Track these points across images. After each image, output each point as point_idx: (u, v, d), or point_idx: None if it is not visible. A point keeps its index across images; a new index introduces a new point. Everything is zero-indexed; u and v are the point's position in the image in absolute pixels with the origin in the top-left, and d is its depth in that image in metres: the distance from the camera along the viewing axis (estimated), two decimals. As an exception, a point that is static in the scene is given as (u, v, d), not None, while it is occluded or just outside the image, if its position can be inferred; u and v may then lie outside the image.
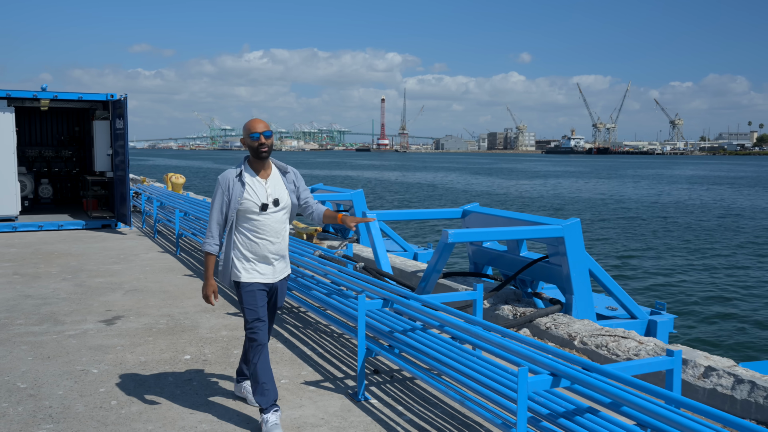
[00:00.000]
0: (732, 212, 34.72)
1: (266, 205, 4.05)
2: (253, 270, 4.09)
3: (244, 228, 4.07)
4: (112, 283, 8.63)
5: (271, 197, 4.08)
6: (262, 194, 4.06)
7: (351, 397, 4.69)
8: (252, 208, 4.03)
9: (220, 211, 4.07)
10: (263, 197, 4.06)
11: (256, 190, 4.06)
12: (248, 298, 4.08)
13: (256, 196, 4.04)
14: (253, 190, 4.05)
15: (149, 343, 5.98)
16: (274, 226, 4.10)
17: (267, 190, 4.08)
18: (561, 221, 6.38)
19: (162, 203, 13.44)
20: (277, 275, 4.18)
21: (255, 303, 4.07)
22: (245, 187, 4.04)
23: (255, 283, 4.08)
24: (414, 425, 4.22)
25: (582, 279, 6.36)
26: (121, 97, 13.11)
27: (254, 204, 4.03)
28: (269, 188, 4.09)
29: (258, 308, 4.08)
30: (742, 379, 4.42)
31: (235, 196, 4.03)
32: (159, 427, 4.18)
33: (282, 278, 4.24)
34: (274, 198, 4.09)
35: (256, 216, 4.04)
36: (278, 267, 4.18)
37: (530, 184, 61.68)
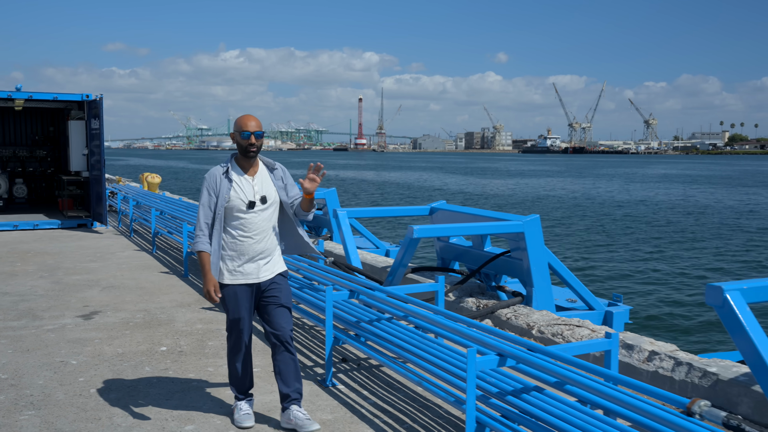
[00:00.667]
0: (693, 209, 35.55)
1: (253, 202, 4.00)
2: (236, 271, 4.04)
3: (231, 226, 4.02)
4: (89, 280, 8.80)
5: (259, 194, 4.02)
6: (249, 192, 4.01)
7: (319, 383, 4.97)
8: (239, 206, 3.98)
9: (209, 208, 4.01)
10: (250, 195, 4.00)
11: (244, 188, 4.01)
12: (230, 299, 4.07)
13: (243, 194, 3.99)
14: (240, 187, 4.00)
15: (126, 336, 6.20)
16: (261, 225, 4.04)
17: (254, 188, 4.03)
18: (522, 217, 6.72)
19: (138, 202, 13.58)
20: (263, 274, 4.09)
21: (237, 304, 4.06)
22: (232, 184, 3.99)
23: (237, 285, 4.05)
24: (377, 407, 4.51)
25: (541, 272, 6.71)
26: (96, 98, 13.22)
27: (241, 202, 3.98)
28: (257, 186, 4.04)
29: (239, 309, 4.07)
30: (681, 362, 4.78)
31: (222, 193, 3.98)
32: (135, 411, 4.41)
33: (271, 277, 4.13)
34: (262, 195, 4.03)
35: (243, 214, 4.00)
36: (265, 266, 4.10)
37: (503, 183, 62.36)
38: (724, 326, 3.53)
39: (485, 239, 7.48)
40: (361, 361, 5.49)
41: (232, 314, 4.11)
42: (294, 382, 4.13)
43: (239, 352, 4.19)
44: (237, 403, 4.26)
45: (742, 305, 3.43)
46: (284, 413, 4.14)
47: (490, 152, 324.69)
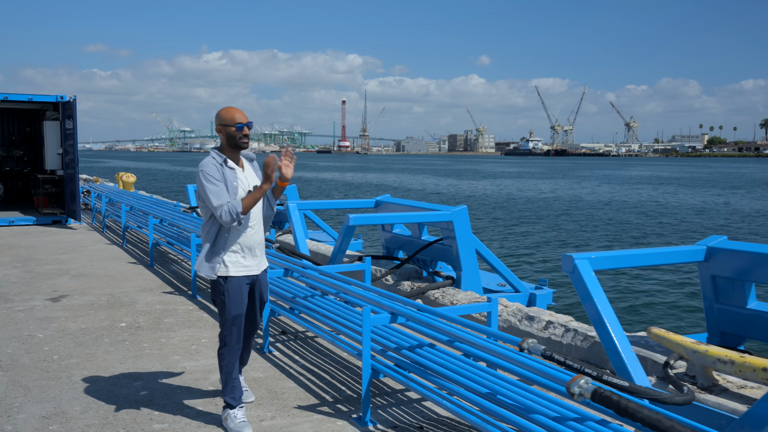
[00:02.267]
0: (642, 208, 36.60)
1: (250, 192, 3.90)
2: (239, 263, 3.94)
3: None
4: (60, 269, 9.41)
5: (252, 185, 3.97)
6: (245, 182, 3.94)
7: (258, 351, 5.65)
8: (242, 195, 3.87)
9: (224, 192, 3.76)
10: (247, 185, 3.93)
11: (240, 177, 3.92)
12: (234, 293, 3.93)
13: (243, 183, 3.91)
14: (239, 177, 3.91)
15: (90, 315, 6.84)
16: (257, 215, 4.01)
17: (247, 178, 3.97)
18: (451, 208, 7.44)
19: (111, 199, 14.16)
20: (261, 266, 4.08)
21: (240, 298, 3.94)
22: (235, 171, 3.89)
23: (242, 277, 3.95)
24: (303, 367, 5.21)
25: (469, 257, 7.44)
26: (70, 99, 13.78)
27: (243, 192, 3.88)
28: (248, 176, 3.99)
29: (241, 304, 3.96)
30: (570, 329, 5.53)
31: (229, 180, 3.82)
32: (92, 372, 5.07)
33: (264, 269, 4.13)
34: (254, 185, 3.98)
35: None
36: (260, 258, 4.09)
37: (466, 182, 63.32)
38: (575, 288, 4.25)
39: (423, 229, 8.20)
40: (299, 333, 6.19)
41: (236, 309, 3.95)
42: (244, 364, 4.36)
43: (236, 351, 4.04)
44: (229, 413, 4.02)
45: (588, 272, 4.16)
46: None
47: (473, 154, 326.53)
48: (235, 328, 3.98)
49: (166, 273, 9.21)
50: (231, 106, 4.02)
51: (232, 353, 4.01)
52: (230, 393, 4.01)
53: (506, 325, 6.06)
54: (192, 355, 5.55)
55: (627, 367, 3.85)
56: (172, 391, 4.70)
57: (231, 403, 4.01)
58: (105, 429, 4.04)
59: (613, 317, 4.05)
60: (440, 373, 3.95)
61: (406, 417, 4.27)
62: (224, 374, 4.02)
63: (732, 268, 4.60)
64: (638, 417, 2.67)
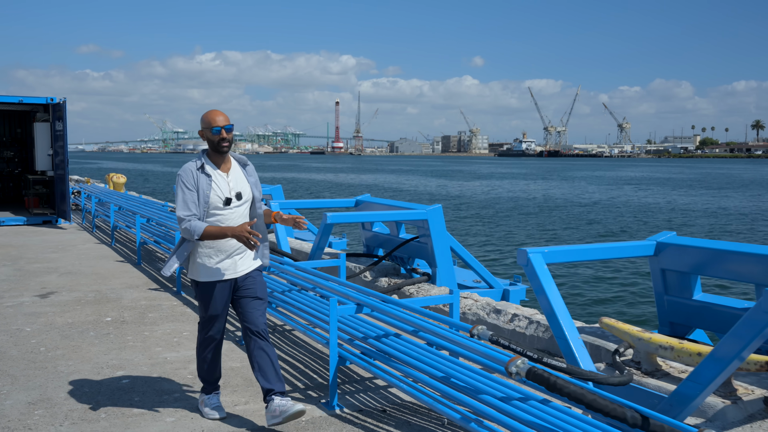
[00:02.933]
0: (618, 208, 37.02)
1: (230, 199, 3.93)
2: (214, 268, 3.99)
3: (208, 223, 3.92)
4: (49, 267, 9.65)
5: (234, 190, 3.97)
6: (225, 188, 3.94)
7: (236, 341, 5.91)
8: (216, 203, 3.91)
9: (192, 202, 3.87)
10: (226, 191, 3.94)
11: (219, 184, 3.93)
12: (205, 296, 4.04)
13: (220, 190, 3.93)
14: (216, 183, 3.93)
15: (77, 310, 7.09)
16: (236, 221, 3.97)
17: (229, 184, 3.96)
18: (426, 207, 7.73)
19: (100, 200, 14.39)
20: (240, 270, 4.05)
21: (213, 300, 4.02)
22: (211, 179, 3.92)
23: (215, 282, 4.01)
24: (280, 358, 5.47)
25: (444, 254, 7.72)
26: (60, 101, 14.01)
27: (218, 198, 3.91)
28: (231, 181, 3.98)
29: (216, 306, 4.04)
30: (533, 321, 5.82)
31: (202, 188, 3.88)
32: (77, 363, 5.33)
33: (247, 271, 4.09)
34: (237, 191, 3.98)
35: (219, 210, 3.92)
36: (241, 262, 4.05)
37: (453, 183, 63.71)
38: (529, 280, 4.54)
39: (400, 227, 8.49)
40: (276, 326, 6.45)
41: (210, 311, 4.06)
42: (274, 376, 4.01)
43: (209, 346, 4.18)
44: (205, 397, 4.26)
45: (541, 265, 4.44)
46: (268, 407, 3.97)
47: (467, 155, 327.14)
48: (207, 329, 4.14)
49: (152, 271, 9.46)
50: (215, 109, 4.04)
51: (204, 346, 4.20)
52: (200, 377, 4.28)
53: (475, 318, 6.34)
54: (173, 347, 5.81)
55: (574, 353, 4.14)
56: (153, 380, 4.95)
57: (203, 385, 4.29)
58: (87, 414, 4.29)
59: (562, 307, 4.34)
60: (403, 360, 4.22)
61: (371, 401, 4.54)
62: (200, 362, 4.26)
63: (679, 262, 4.90)
64: (565, 392, 2.95)
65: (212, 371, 4.25)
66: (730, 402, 3.85)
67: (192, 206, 3.87)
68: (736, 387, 3.99)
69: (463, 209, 36.38)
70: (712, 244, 4.75)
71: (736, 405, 3.84)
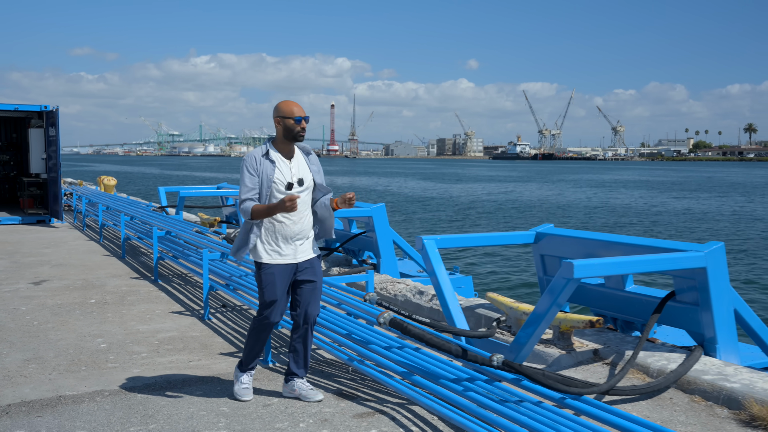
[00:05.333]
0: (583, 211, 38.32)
1: (291, 184, 4.08)
2: (274, 251, 4.12)
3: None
4: (42, 260, 10.75)
5: (296, 177, 4.13)
6: (287, 173, 4.11)
7: (199, 317, 7.04)
8: (278, 187, 4.07)
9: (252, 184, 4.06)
10: (288, 176, 4.10)
11: (282, 170, 4.11)
12: (267, 279, 4.14)
13: (282, 175, 4.10)
14: (279, 169, 4.10)
15: (66, 294, 8.21)
16: (299, 206, 4.09)
17: (292, 170, 4.13)
18: (371, 206, 8.87)
19: (90, 201, 15.50)
20: (300, 256, 4.19)
21: (273, 284, 4.13)
22: (275, 165, 4.10)
23: (276, 265, 4.13)
24: (231, 328, 6.60)
25: (387, 247, 8.86)
26: (53, 109, 15.13)
27: (281, 183, 4.08)
28: (293, 168, 4.14)
29: (276, 290, 4.14)
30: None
31: (266, 173, 4.06)
32: (65, 333, 6.44)
33: (307, 258, 4.23)
34: (299, 177, 4.13)
35: (282, 194, 4.07)
36: (301, 248, 4.20)
37: (426, 185, 64.97)
38: (423, 263, 5.67)
39: (352, 224, 9.64)
40: (236, 306, 7.58)
41: (269, 295, 4.15)
42: (304, 364, 4.34)
43: (265, 331, 4.28)
44: (240, 375, 4.39)
45: (433, 250, 5.58)
46: (288, 384, 4.33)
47: (462, 158, 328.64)
48: (266, 314, 4.21)
49: (135, 263, 10.58)
50: (289, 99, 4.26)
51: (260, 330, 4.29)
52: (247, 355, 4.39)
53: (404, 299, 7.48)
54: (146, 321, 6.92)
55: (453, 318, 5.28)
56: (126, 344, 6.07)
57: (244, 362, 4.41)
58: (71, 367, 5.41)
59: (447, 283, 5.48)
60: (324, 325, 5.36)
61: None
62: (246, 346, 4.40)
63: (554, 248, 6.05)
64: (411, 333, 4.09)
65: (258, 354, 4.41)
66: (565, 352, 5.00)
67: (250, 192, 4.05)
68: (573, 341, 5.14)
69: (435, 208, 37.56)
70: (579, 234, 5.90)
71: (570, 354, 4.99)
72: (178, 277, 9.34)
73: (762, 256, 21.80)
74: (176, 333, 6.47)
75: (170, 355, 5.72)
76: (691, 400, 4.39)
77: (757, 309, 13.74)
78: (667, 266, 4.64)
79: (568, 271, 4.17)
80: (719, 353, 4.85)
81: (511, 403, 3.68)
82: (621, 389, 4.24)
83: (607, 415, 3.56)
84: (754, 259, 21.04)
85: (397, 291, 7.73)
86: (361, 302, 4.97)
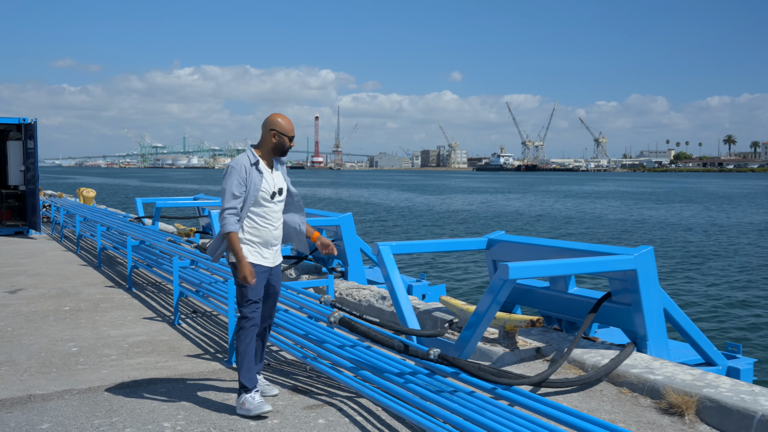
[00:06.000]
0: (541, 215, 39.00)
1: (275, 193, 4.34)
2: (257, 253, 4.31)
3: (255, 214, 4.29)
4: (19, 270, 10.95)
5: (277, 186, 4.38)
6: (271, 183, 4.35)
7: (170, 323, 7.31)
8: (265, 196, 4.29)
9: (238, 194, 4.21)
10: (273, 187, 4.35)
11: (268, 180, 4.33)
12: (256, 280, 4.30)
13: (268, 186, 4.32)
14: (264, 179, 4.31)
15: (41, 302, 8.44)
16: (278, 214, 4.39)
17: (274, 180, 4.37)
18: (338, 215, 9.20)
19: (68, 212, 15.69)
20: (276, 260, 4.44)
21: (259, 284, 4.31)
22: (263, 175, 4.30)
23: (258, 265, 4.32)
24: (199, 332, 6.88)
25: (354, 255, 9.19)
26: (31, 121, 15.33)
27: (267, 192, 4.30)
28: (275, 178, 4.39)
29: (260, 290, 4.32)
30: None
31: (254, 183, 4.25)
32: (37, 338, 6.69)
33: (279, 263, 4.48)
34: (279, 188, 4.39)
35: (267, 203, 4.30)
36: (276, 252, 4.44)
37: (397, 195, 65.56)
38: (379, 267, 6.01)
39: (322, 232, 9.96)
40: (206, 312, 7.86)
41: (256, 294, 4.29)
42: (260, 359, 4.59)
43: (253, 333, 4.35)
44: (247, 396, 4.30)
45: (388, 255, 5.92)
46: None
47: (446, 170, 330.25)
48: (253, 315, 4.30)
49: (110, 272, 10.81)
50: (284, 114, 4.42)
51: (247, 335, 4.30)
52: (246, 375, 4.30)
53: (367, 304, 7.80)
54: (118, 327, 7.18)
55: (405, 319, 5.61)
56: (97, 348, 6.34)
57: (246, 385, 4.30)
58: (42, 369, 5.66)
59: (401, 287, 5.81)
60: (285, 327, 5.67)
61: (261, 359, 5.96)
62: (239, 356, 4.31)
63: (504, 254, 6.41)
64: (358, 331, 4.42)
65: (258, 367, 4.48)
66: (509, 350, 5.35)
67: (235, 200, 4.20)
68: (518, 340, 5.49)
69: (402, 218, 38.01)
70: (528, 240, 6.28)
71: (513, 352, 5.34)
72: (152, 285, 9.59)
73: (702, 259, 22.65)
74: (146, 337, 6.74)
75: (139, 357, 5.99)
76: (619, 391, 4.76)
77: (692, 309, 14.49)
78: (597, 269, 5.01)
79: (504, 272, 4.53)
80: (650, 350, 5.23)
81: (446, 393, 4.01)
82: (553, 381, 4.58)
83: (535, 403, 3.90)
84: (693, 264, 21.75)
85: (361, 297, 8.05)
86: (318, 304, 5.29)
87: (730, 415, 4.04)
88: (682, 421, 4.25)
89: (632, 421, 4.29)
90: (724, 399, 4.15)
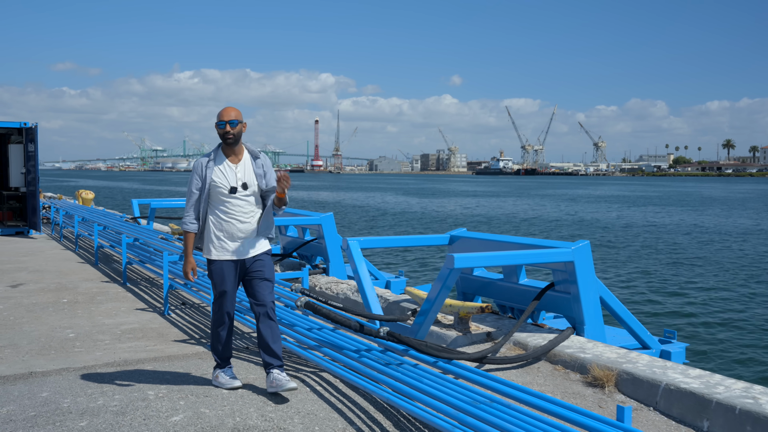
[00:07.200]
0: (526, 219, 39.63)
1: (235, 188, 4.37)
2: (222, 248, 4.45)
3: (217, 209, 4.45)
4: (20, 267, 11.56)
5: (240, 181, 4.39)
6: (231, 178, 4.38)
7: (160, 313, 7.92)
8: (222, 191, 4.39)
9: (196, 191, 4.42)
10: (233, 181, 4.37)
11: (227, 174, 4.39)
12: (215, 273, 4.54)
13: (225, 180, 4.38)
14: (223, 173, 4.38)
15: (40, 296, 9.04)
16: (244, 207, 4.43)
17: (237, 174, 4.38)
18: (320, 214, 9.81)
19: (67, 213, 16.31)
20: (247, 252, 4.50)
21: (222, 277, 4.49)
22: (216, 170, 4.40)
23: (223, 261, 4.48)
24: (187, 321, 7.49)
25: (335, 252, 9.79)
26: (32, 125, 15.96)
27: (224, 187, 4.39)
28: (239, 172, 4.40)
29: (224, 283, 4.50)
30: (380, 297, 7.89)
31: (207, 179, 4.38)
32: (38, 326, 7.29)
33: (254, 254, 4.53)
34: (243, 182, 4.40)
35: (226, 198, 4.40)
36: (248, 244, 4.50)
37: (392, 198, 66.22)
38: (349, 261, 6.61)
39: (305, 231, 10.58)
40: (195, 304, 8.46)
41: (219, 287, 4.54)
42: (273, 353, 4.58)
43: (222, 323, 4.62)
44: (219, 372, 4.76)
45: (356, 249, 6.52)
46: (267, 377, 4.62)
47: (445, 174, 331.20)
48: (218, 305, 4.62)
49: (107, 269, 11.42)
50: (229, 106, 4.47)
51: (217, 324, 4.67)
52: (215, 354, 4.77)
53: (344, 297, 8.40)
54: (112, 316, 7.78)
55: (370, 306, 6.21)
56: (93, 334, 6.94)
57: (217, 361, 4.79)
58: (42, 351, 6.26)
59: (367, 278, 6.42)
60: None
61: (240, 343, 6.57)
62: (211, 336, 4.80)
63: (464, 249, 7.01)
64: (320, 312, 5.03)
65: (226, 350, 4.74)
66: (462, 334, 5.95)
67: (192, 197, 4.47)
68: (470, 326, 6.10)
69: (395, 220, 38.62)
70: (485, 236, 6.88)
71: (465, 336, 5.94)
72: (145, 280, 10.20)
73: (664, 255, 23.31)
74: (137, 325, 7.34)
75: (130, 342, 6.60)
76: (554, 368, 5.36)
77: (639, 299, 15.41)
78: (537, 260, 5.62)
79: (450, 262, 5.13)
80: (587, 334, 5.83)
81: (394, 365, 4.62)
82: (495, 359, 5.18)
83: (475, 376, 4.50)
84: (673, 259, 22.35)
85: (339, 290, 8.65)
86: (290, 292, 5.90)
87: (642, 385, 4.64)
88: (602, 392, 4.86)
89: (559, 392, 4.89)
90: (638, 372, 4.75)
